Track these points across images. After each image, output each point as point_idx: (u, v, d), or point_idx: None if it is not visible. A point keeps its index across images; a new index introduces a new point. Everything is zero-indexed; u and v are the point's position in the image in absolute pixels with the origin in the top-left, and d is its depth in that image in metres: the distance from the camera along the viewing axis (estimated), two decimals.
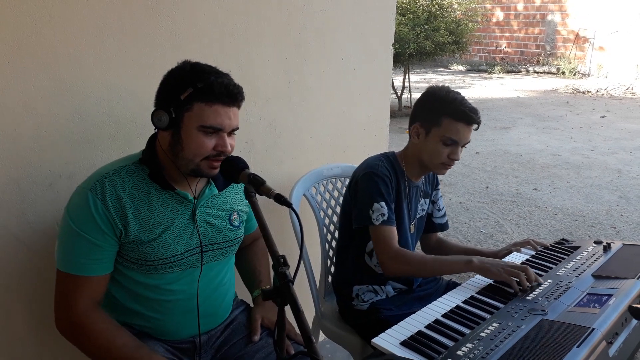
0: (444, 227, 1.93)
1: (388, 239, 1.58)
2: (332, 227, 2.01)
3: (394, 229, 1.60)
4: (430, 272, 1.64)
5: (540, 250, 1.73)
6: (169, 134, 1.22)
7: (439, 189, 1.90)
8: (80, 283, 1.20)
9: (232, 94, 1.21)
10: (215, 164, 1.24)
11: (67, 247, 1.21)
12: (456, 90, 1.65)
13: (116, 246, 1.24)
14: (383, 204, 1.59)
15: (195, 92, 1.18)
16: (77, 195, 1.22)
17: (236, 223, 1.41)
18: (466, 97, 1.64)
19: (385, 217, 1.58)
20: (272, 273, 1.52)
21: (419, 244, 1.93)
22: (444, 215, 1.93)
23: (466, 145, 1.65)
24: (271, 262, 0.99)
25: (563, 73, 13.35)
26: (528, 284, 1.39)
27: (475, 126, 1.61)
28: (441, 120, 1.59)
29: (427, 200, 1.85)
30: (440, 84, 1.69)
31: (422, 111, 1.66)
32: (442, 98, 1.60)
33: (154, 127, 1.24)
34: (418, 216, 1.81)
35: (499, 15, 15.05)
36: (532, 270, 1.44)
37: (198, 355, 1.38)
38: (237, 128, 1.26)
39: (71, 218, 1.20)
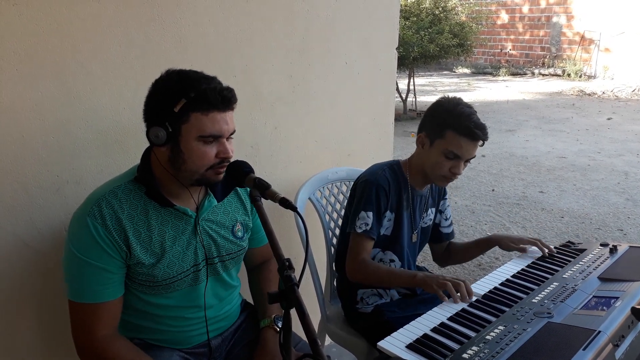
0: (449, 236, 1.93)
1: (359, 248, 1.62)
2: (337, 231, 2.01)
3: (370, 242, 1.63)
4: (385, 284, 1.69)
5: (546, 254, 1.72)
6: (167, 149, 1.19)
7: (446, 199, 1.89)
8: (96, 310, 1.20)
9: (226, 99, 1.17)
10: (221, 171, 1.23)
11: (76, 277, 1.20)
12: (468, 103, 1.60)
13: (124, 268, 1.22)
14: (370, 213, 1.61)
15: (189, 102, 1.14)
16: (76, 223, 1.20)
17: (239, 234, 1.39)
18: (476, 112, 1.59)
19: (368, 227, 1.61)
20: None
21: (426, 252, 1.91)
22: (450, 224, 1.92)
23: (470, 161, 1.63)
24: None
25: (569, 75, 13.29)
26: (459, 295, 1.39)
27: (480, 142, 1.58)
28: (445, 132, 1.58)
29: (433, 210, 1.84)
30: (453, 96, 1.66)
31: (429, 121, 1.65)
32: (449, 111, 1.58)
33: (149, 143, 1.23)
34: (424, 225, 1.81)
35: (504, 17, 15.01)
36: (462, 285, 1.41)
37: (212, 359, 1.39)
38: (234, 131, 1.24)
39: (75, 247, 1.18)
